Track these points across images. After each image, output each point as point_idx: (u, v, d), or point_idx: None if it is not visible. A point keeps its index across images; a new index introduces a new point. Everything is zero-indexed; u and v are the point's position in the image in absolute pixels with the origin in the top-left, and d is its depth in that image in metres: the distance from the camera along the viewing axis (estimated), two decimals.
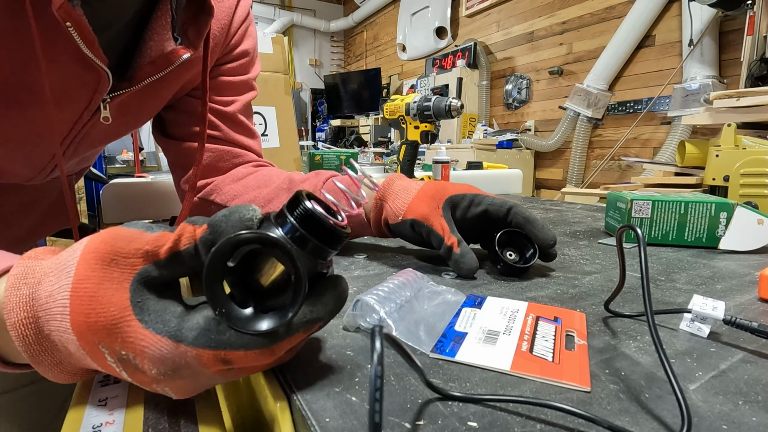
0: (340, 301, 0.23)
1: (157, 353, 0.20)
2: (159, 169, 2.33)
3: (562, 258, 0.48)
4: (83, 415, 0.23)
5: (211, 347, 0.20)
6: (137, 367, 0.20)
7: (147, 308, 0.20)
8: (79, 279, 0.21)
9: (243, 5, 0.57)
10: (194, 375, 0.21)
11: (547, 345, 0.27)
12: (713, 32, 2.15)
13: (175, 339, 0.20)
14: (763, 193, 1.08)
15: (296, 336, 0.21)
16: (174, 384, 0.21)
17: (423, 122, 0.97)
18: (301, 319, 0.21)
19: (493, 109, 3.57)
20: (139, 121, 0.56)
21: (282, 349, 0.21)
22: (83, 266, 0.21)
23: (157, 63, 0.45)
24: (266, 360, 0.21)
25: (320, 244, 0.22)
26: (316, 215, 0.21)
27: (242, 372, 0.22)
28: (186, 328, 0.20)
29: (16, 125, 0.43)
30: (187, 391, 0.22)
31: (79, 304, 0.20)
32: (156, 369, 0.20)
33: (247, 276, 0.21)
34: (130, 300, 0.20)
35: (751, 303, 0.35)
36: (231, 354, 0.20)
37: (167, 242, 0.21)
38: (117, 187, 0.85)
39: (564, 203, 0.96)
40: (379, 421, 0.15)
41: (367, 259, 0.47)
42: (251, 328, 0.20)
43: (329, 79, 5.10)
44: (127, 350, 0.20)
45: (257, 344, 0.20)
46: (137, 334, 0.20)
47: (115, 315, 0.20)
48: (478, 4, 3.62)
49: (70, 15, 0.35)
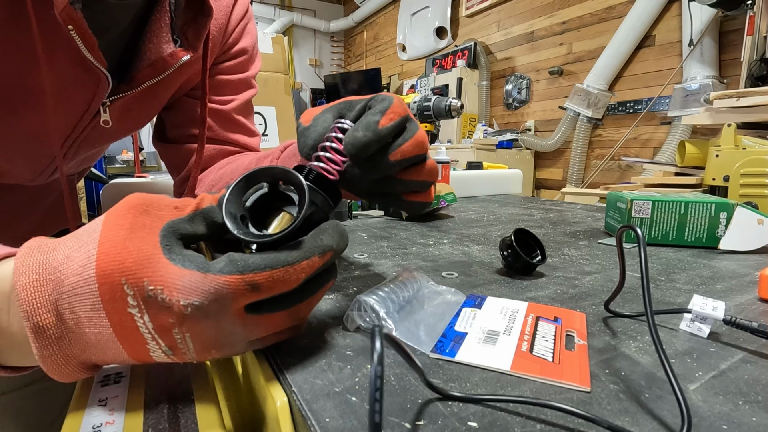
0: (344, 236, 0.24)
1: (186, 283, 0.20)
2: (159, 169, 2.33)
3: (562, 258, 0.48)
4: (83, 415, 0.23)
5: (238, 271, 0.20)
6: (164, 302, 0.20)
7: (175, 251, 0.21)
8: (109, 228, 0.21)
9: (241, 3, 0.56)
10: (220, 312, 0.21)
11: (547, 345, 0.27)
12: (713, 32, 2.15)
13: (203, 270, 0.20)
14: (763, 193, 1.08)
15: (313, 260, 0.22)
16: (198, 327, 0.21)
17: (423, 122, 0.97)
18: (314, 245, 0.22)
19: (493, 109, 3.57)
20: (139, 123, 0.57)
21: (303, 271, 0.22)
22: (112, 217, 0.22)
23: (157, 65, 0.45)
24: (290, 284, 0.22)
25: (319, 191, 0.26)
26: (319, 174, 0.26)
27: (265, 327, 0.23)
28: (213, 263, 0.21)
29: (16, 127, 0.43)
30: (207, 339, 0.21)
31: (110, 247, 0.21)
32: (184, 299, 0.20)
33: (257, 226, 0.24)
34: (159, 242, 0.21)
35: (751, 303, 0.35)
36: (258, 276, 0.20)
37: (191, 203, 0.24)
38: (117, 187, 0.85)
39: (564, 203, 0.96)
40: (379, 421, 0.15)
41: (367, 259, 0.47)
42: (266, 236, 0.22)
43: (329, 79, 5.10)
44: (155, 284, 0.20)
45: (280, 262, 0.21)
46: (167, 269, 0.20)
47: (146, 252, 0.21)
48: (478, 4, 3.63)
49: (72, 18, 0.36)
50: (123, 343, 0.21)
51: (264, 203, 0.25)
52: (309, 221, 0.24)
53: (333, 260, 0.24)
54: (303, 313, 0.24)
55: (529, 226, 0.68)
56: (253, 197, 0.25)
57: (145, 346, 0.21)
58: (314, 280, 0.24)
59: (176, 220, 0.23)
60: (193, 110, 0.55)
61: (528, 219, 0.75)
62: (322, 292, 0.25)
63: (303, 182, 0.23)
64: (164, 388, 0.25)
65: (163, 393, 0.25)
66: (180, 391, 0.26)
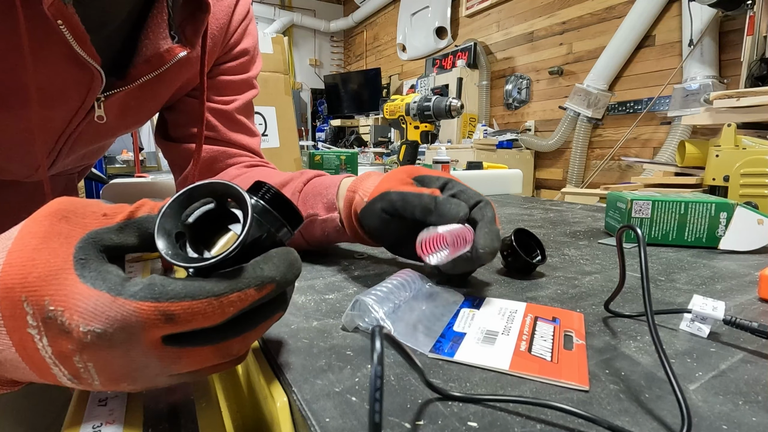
0: (293, 266, 0.21)
1: (90, 306, 0.18)
2: (159, 169, 2.33)
3: (562, 258, 0.48)
4: (83, 415, 0.23)
5: (153, 298, 0.18)
6: (63, 326, 0.18)
7: (89, 266, 0.19)
8: (23, 235, 0.19)
9: (242, 3, 0.57)
10: (128, 343, 0.18)
11: (546, 345, 0.27)
12: (713, 32, 2.16)
13: (113, 293, 0.18)
14: (763, 193, 1.08)
15: (246, 293, 0.19)
16: (100, 355, 0.18)
17: (423, 122, 0.97)
18: (251, 275, 0.19)
19: (493, 109, 3.57)
20: (138, 121, 0.57)
21: (231, 305, 0.19)
22: (29, 223, 0.20)
23: (152, 61, 0.45)
24: (214, 319, 0.19)
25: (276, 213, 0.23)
26: (278, 193, 0.23)
27: (187, 362, 0.20)
28: (128, 285, 0.18)
29: (7, 124, 0.43)
30: (114, 371, 0.19)
31: (17, 257, 0.18)
32: (85, 325, 0.18)
33: (198, 246, 0.21)
34: (73, 255, 0.19)
35: (751, 303, 0.35)
36: (175, 306, 0.18)
37: (124, 210, 0.21)
38: (117, 187, 0.85)
39: (564, 203, 0.96)
40: (379, 421, 0.15)
41: (366, 259, 0.47)
42: (197, 259, 0.19)
43: (329, 79, 5.10)
44: (56, 304, 0.18)
45: (204, 292, 0.18)
46: (72, 287, 0.18)
47: (53, 266, 0.18)
48: (478, 4, 3.63)
49: (62, 13, 0.35)
50: (28, 365, 0.19)
51: (213, 219, 0.22)
52: (259, 246, 0.22)
53: (277, 293, 0.21)
54: (236, 351, 0.21)
55: (529, 226, 0.68)
56: (197, 213, 0.21)
57: (50, 371, 0.19)
58: (252, 313, 0.21)
59: (101, 229, 0.20)
60: (195, 110, 0.55)
61: (528, 219, 0.75)
62: (263, 328, 0.22)
63: (247, 199, 0.20)
64: (164, 388, 0.25)
65: (163, 393, 0.25)
66: (180, 391, 0.25)
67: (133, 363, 0.19)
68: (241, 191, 0.20)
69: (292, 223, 0.23)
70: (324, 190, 0.42)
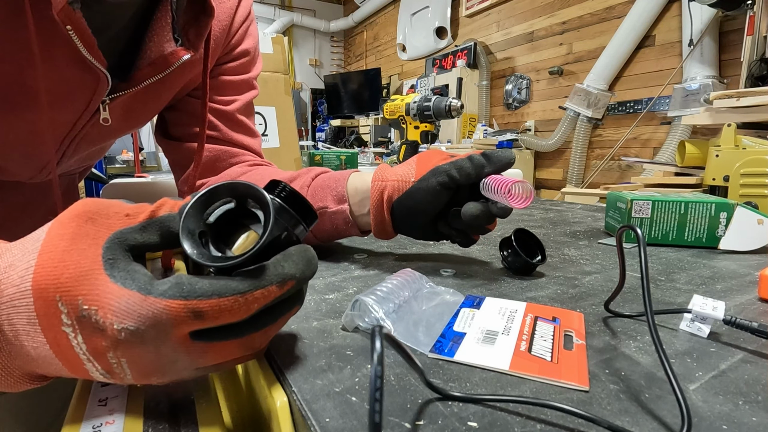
0: (311, 263, 0.22)
1: (122, 305, 0.19)
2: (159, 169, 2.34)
3: (562, 258, 0.48)
4: (83, 415, 0.23)
5: (182, 296, 0.19)
6: (97, 324, 0.19)
7: (117, 266, 0.20)
8: (51, 237, 0.20)
9: (244, 5, 0.57)
10: (158, 339, 0.19)
11: (546, 345, 0.27)
12: (713, 32, 2.15)
13: (143, 292, 0.19)
14: (763, 193, 1.08)
15: (269, 290, 0.20)
16: (133, 351, 0.19)
17: (423, 122, 0.97)
18: (273, 273, 0.20)
19: (493, 109, 3.57)
20: (141, 122, 0.57)
21: (255, 302, 0.20)
22: (56, 225, 0.20)
23: (157, 64, 0.45)
24: (239, 315, 0.19)
25: (293, 212, 0.23)
26: (294, 191, 0.24)
27: (213, 356, 0.21)
28: (156, 284, 0.19)
29: (14, 126, 0.43)
30: (145, 365, 0.20)
31: (48, 259, 0.19)
32: (118, 323, 0.18)
33: (219, 245, 0.22)
34: (101, 256, 0.20)
35: (751, 303, 0.35)
36: (203, 304, 0.19)
37: (146, 210, 0.22)
38: (117, 187, 0.85)
39: (564, 203, 0.96)
40: (379, 421, 0.15)
41: (367, 259, 0.47)
42: (222, 258, 0.20)
43: (329, 79, 5.10)
44: (89, 303, 0.19)
45: (230, 290, 0.19)
46: (104, 287, 0.19)
47: (84, 267, 0.19)
48: (478, 4, 3.62)
49: (71, 18, 0.36)
50: (62, 361, 0.20)
51: (232, 218, 0.23)
52: (277, 244, 0.23)
53: (296, 289, 0.22)
54: (258, 344, 0.22)
55: (529, 226, 0.68)
56: (217, 213, 0.22)
57: (83, 366, 0.20)
58: (273, 308, 0.22)
59: (125, 229, 0.21)
60: (197, 109, 0.55)
61: (528, 219, 0.75)
62: (282, 321, 0.23)
63: (269, 200, 0.20)
64: (164, 387, 0.25)
65: (163, 393, 0.25)
66: (180, 391, 0.25)
67: (163, 358, 0.20)
68: (264, 193, 0.21)
69: (307, 221, 0.24)
70: (333, 183, 0.45)
